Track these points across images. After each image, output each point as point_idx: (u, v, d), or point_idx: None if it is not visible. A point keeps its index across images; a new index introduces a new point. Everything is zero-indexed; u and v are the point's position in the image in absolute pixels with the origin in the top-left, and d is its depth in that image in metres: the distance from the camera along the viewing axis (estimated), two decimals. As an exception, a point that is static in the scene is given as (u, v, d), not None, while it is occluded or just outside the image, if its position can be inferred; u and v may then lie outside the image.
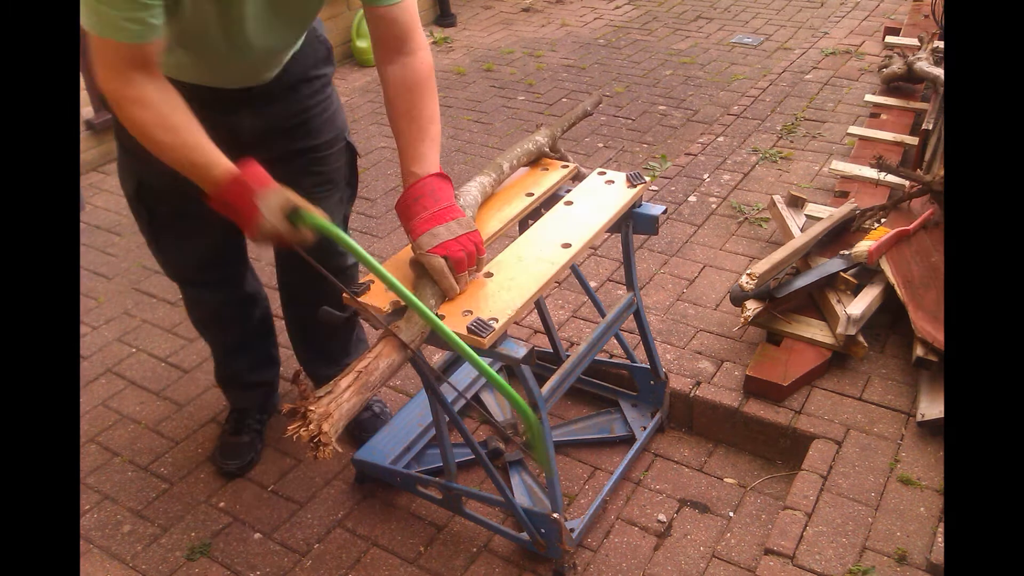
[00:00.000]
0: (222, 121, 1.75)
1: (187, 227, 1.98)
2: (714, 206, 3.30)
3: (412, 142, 1.70)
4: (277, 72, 1.83)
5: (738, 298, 2.46)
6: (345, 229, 2.07)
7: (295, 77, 1.87)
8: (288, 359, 2.51)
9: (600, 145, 4.03)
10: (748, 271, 2.45)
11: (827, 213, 2.89)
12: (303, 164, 1.95)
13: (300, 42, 1.84)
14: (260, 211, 1.51)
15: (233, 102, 1.81)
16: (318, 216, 1.55)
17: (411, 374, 2.55)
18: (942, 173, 2.70)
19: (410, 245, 1.69)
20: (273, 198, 1.53)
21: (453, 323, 1.61)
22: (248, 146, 1.80)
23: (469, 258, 1.66)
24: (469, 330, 1.57)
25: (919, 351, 2.25)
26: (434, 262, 1.62)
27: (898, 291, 2.38)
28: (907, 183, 3.10)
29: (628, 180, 2.03)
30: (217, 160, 1.54)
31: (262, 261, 2.92)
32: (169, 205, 1.93)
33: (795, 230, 2.84)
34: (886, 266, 2.47)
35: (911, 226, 2.64)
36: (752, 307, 2.42)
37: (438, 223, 1.65)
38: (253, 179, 1.55)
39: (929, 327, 2.26)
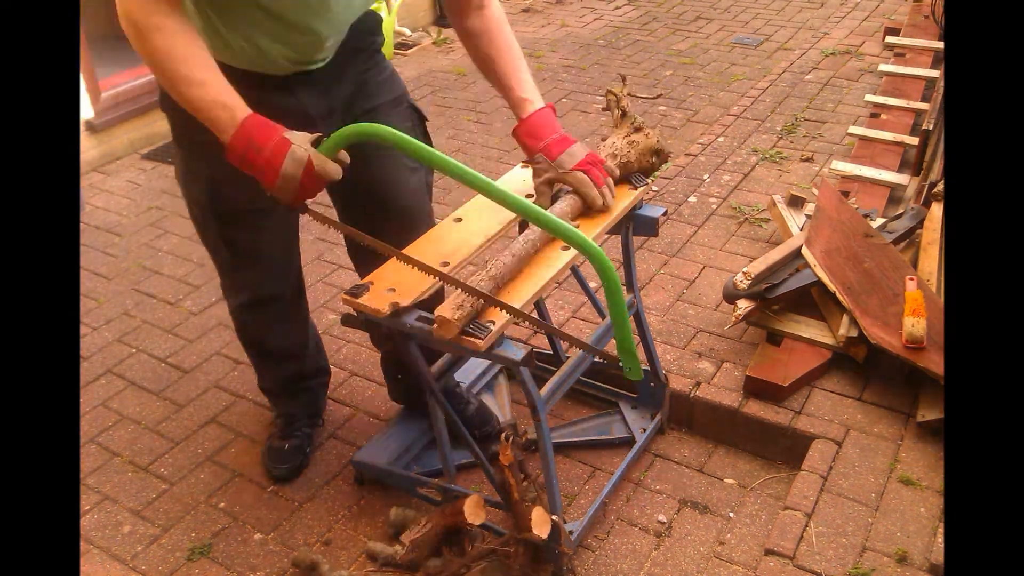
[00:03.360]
0: (289, 101, 1.77)
1: (260, 222, 1.95)
2: (714, 206, 3.30)
3: (515, 71, 1.84)
4: (335, 48, 1.81)
5: (731, 296, 2.47)
6: (429, 198, 2.07)
7: (349, 48, 1.83)
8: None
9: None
10: (744, 269, 2.46)
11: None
12: None
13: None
14: (287, 139, 1.51)
15: (293, 83, 1.77)
16: (340, 131, 1.54)
17: (411, 374, 2.56)
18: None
19: (540, 163, 1.83)
20: (299, 134, 1.54)
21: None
22: (317, 120, 1.82)
23: (601, 179, 1.82)
24: (466, 332, 1.56)
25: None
26: (581, 176, 1.79)
27: (840, 298, 2.37)
28: (906, 181, 3.10)
29: (630, 182, 2.03)
30: (237, 100, 1.52)
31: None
32: (241, 201, 1.88)
33: (795, 230, 2.84)
34: (822, 273, 2.44)
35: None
36: (744, 306, 2.43)
37: (571, 144, 1.83)
38: (276, 123, 1.54)
39: (881, 332, 2.27)
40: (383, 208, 1.95)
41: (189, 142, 1.87)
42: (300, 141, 1.52)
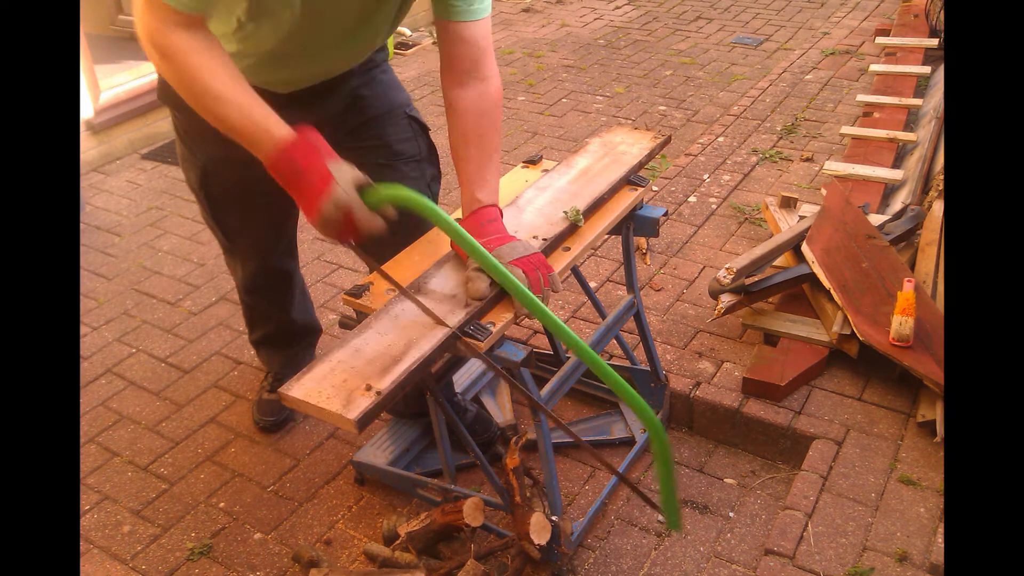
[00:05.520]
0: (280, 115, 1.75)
1: (249, 206, 2.03)
2: (714, 206, 3.30)
3: (480, 169, 1.65)
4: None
5: (715, 291, 2.50)
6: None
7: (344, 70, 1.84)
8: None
9: (600, 145, 4.03)
10: (727, 266, 2.48)
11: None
12: (358, 139, 1.87)
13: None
14: (333, 177, 1.36)
15: (282, 100, 1.68)
16: (394, 185, 1.40)
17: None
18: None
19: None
20: (347, 167, 1.40)
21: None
22: None
23: (543, 282, 1.59)
24: (466, 333, 1.57)
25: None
26: (519, 273, 1.55)
27: (835, 295, 2.39)
28: (900, 176, 3.09)
29: (629, 182, 2.03)
30: (277, 119, 1.41)
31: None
32: (231, 186, 1.97)
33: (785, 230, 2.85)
34: (819, 270, 2.47)
35: None
36: (727, 300, 2.45)
37: (515, 240, 1.62)
38: (323, 144, 1.42)
39: (870, 330, 2.28)
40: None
41: (184, 132, 1.93)
42: (345, 181, 1.39)
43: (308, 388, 1.40)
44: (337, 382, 1.40)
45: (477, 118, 1.64)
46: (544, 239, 1.75)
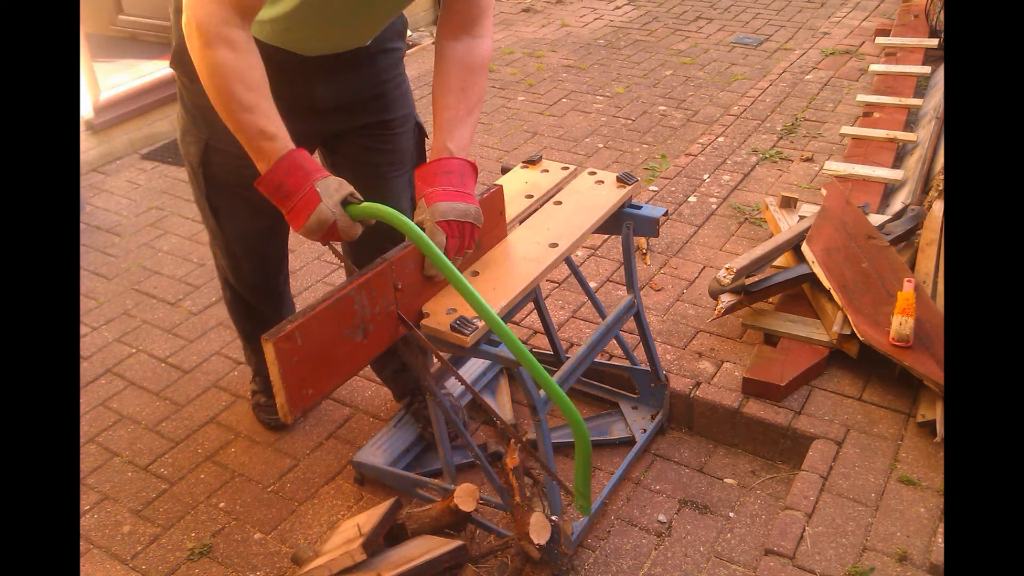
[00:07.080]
0: (299, 89, 1.77)
1: (243, 196, 1.93)
2: (714, 206, 3.31)
3: (455, 118, 1.67)
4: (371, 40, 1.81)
5: (715, 292, 2.50)
6: (411, 213, 2.02)
7: (374, 47, 1.84)
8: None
9: (600, 146, 4.03)
10: (727, 266, 2.48)
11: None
12: (376, 139, 1.94)
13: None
14: (317, 193, 1.47)
15: (310, 70, 1.77)
16: (375, 204, 1.49)
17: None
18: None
19: (420, 206, 1.64)
20: (333, 184, 1.49)
21: (436, 320, 1.61)
22: (325, 114, 1.83)
23: (457, 250, 1.64)
24: (452, 328, 1.57)
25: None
26: (440, 238, 1.59)
27: (835, 295, 2.40)
28: (901, 176, 3.09)
29: (618, 180, 2.04)
30: (283, 133, 1.49)
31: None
32: (229, 173, 1.90)
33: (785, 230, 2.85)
34: (819, 270, 2.47)
35: None
36: (727, 300, 2.45)
37: (463, 201, 1.61)
38: (311, 162, 1.51)
39: (870, 330, 2.29)
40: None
41: (193, 105, 1.89)
42: (330, 198, 1.48)
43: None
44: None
45: (463, 71, 1.68)
46: None
